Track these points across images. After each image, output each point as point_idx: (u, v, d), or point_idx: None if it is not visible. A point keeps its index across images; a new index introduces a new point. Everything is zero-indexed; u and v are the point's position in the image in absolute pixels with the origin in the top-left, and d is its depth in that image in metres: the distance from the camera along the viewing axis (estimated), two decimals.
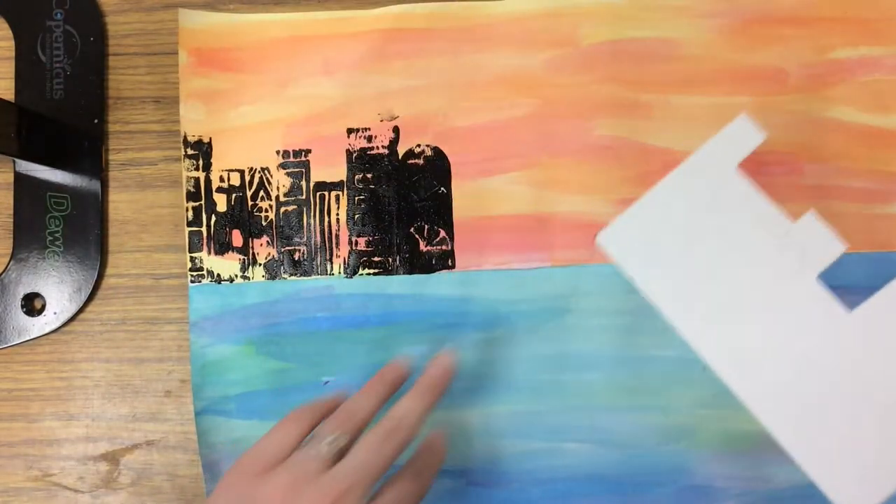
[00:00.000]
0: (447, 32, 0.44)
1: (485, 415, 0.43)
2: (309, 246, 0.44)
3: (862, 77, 0.44)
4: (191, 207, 0.44)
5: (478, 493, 0.43)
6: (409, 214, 0.44)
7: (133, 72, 0.45)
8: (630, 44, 0.44)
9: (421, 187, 0.44)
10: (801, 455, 0.31)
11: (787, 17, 0.44)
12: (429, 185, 0.44)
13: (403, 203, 0.44)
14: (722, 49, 0.44)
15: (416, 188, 0.44)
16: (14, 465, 0.44)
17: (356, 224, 0.44)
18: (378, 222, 0.44)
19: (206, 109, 0.44)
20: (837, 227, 0.43)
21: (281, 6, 0.45)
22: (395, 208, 0.44)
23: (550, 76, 0.44)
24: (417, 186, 0.44)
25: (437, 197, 0.44)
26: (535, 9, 0.44)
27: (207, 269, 0.44)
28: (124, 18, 0.46)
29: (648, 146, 0.44)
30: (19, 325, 0.44)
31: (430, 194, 0.44)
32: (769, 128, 0.45)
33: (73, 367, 0.44)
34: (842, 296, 0.43)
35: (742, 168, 0.34)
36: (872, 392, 0.32)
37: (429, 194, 0.44)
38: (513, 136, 0.44)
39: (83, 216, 0.44)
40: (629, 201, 0.44)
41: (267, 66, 0.44)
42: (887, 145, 0.44)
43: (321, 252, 0.44)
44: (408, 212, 0.44)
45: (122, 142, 0.45)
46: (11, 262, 0.44)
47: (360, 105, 0.44)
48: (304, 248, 0.44)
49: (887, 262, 0.43)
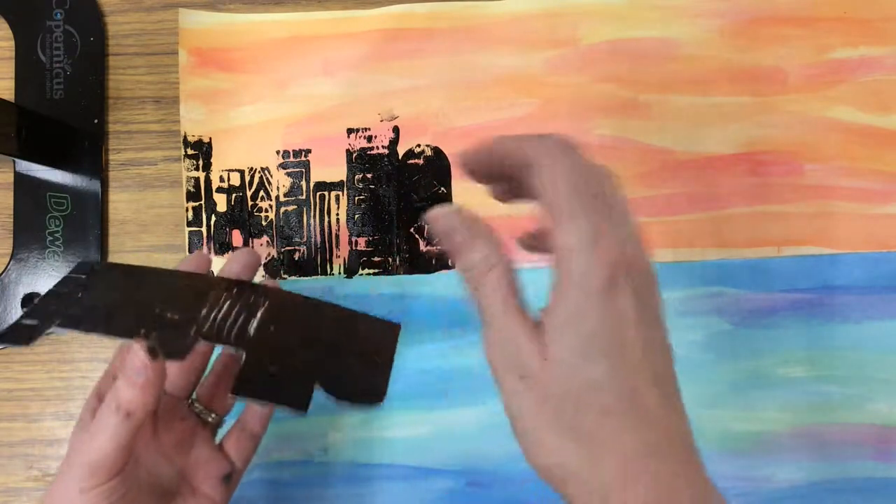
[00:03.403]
0: (447, 32, 0.44)
1: (484, 415, 0.43)
2: (309, 246, 0.44)
3: (862, 77, 0.44)
4: (191, 207, 0.44)
5: (478, 493, 0.43)
6: (409, 214, 0.44)
7: (133, 72, 0.45)
8: (630, 44, 0.44)
9: (421, 187, 0.44)
10: None
11: (787, 17, 0.44)
12: (429, 185, 0.44)
13: (403, 203, 0.44)
14: (722, 49, 0.44)
15: (416, 188, 0.44)
16: (14, 465, 0.44)
17: (356, 224, 0.44)
18: (378, 222, 0.44)
19: (206, 109, 0.44)
20: (837, 227, 0.44)
21: (281, 6, 0.45)
22: (395, 208, 0.44)
23: (550, 76, 0.44)
24: (417, 186, 0.44)
25: (437, 197, 0.44)
26: (535, 9, 0.44)
27: None
28: (124, 18, 0.46)
29: (648, 146, 0.44)
30: None
31: (430, 194, 0.44)
32: (769, 128, 0.45)
33: (73, 367, 0.44)
34: (841, 296, 0.44)
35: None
36: None
37: (429, 194, 0.44)
38: None
39: (83, 216, 0.44)
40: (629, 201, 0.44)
41: (267, 66, 0.44)
42: (887, 145, 0.44)
43: (321, 252, 0.44)
44: (408, 212, 0.44)
45: (122, 142, 0.45)
46: (11, 262, 0.44)
47: (360, 105, 0.44)
48: (304, 248, 0.44)
49: (887, 262, 0.43)
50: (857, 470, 0.42)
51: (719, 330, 0.43)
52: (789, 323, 0.43)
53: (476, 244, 0.26)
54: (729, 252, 0.43)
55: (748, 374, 0.43)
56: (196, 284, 0.33)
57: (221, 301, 0.32)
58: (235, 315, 0.32)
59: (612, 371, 0.24)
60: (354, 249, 0.44)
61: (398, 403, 0.43)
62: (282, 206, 0.44)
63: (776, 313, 0.43)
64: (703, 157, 0.44)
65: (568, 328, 0.24)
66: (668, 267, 0.43)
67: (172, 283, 0.33)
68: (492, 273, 0.26)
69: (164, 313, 0.31)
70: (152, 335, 0.29)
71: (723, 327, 0.43)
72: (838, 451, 0.42)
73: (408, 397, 0.43)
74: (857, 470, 0.42)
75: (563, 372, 0.24)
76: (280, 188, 0.44)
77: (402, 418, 0.43)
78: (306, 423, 0.43)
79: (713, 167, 0.44)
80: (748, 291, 0.43)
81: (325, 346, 0.32)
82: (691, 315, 0.43)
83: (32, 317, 0.30)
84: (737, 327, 0.43)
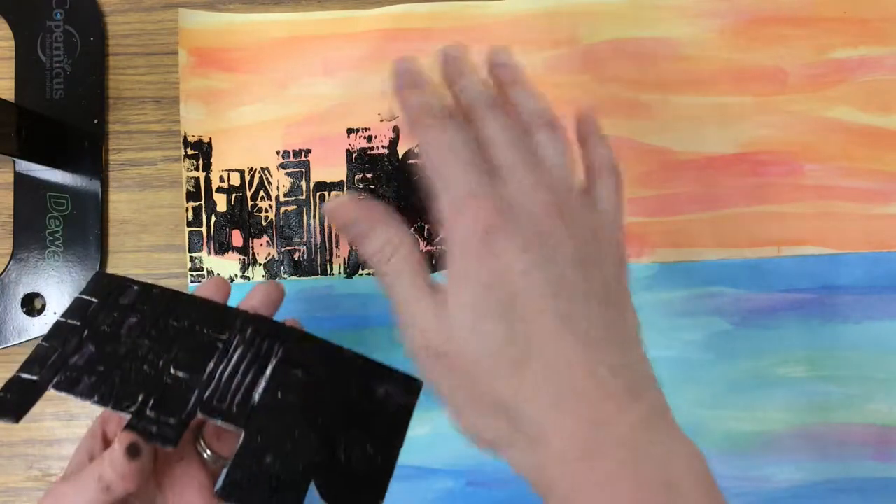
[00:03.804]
0: (447, 32, 0.44)
1: None
2: (309, 246, 0.44)
3: (862, 77, 0.44)
4: (191, 207, 0.44)
5: (478, 493, 0.43)
6: (409, 214, 0.44)
7: (133, 72, 0.45)
8: (630, 44, 0.44)
9: (421, 187, 0.44)
10: None
11: (787, 17, 0.44)
12: None
13: (403, 203, 0.44)
14: (722, 49, 0.44)
15: (416, 188, 0.44)
16: (14, 465, 0.44)
17: None
18: None
19: (206, 109, 0.44)
20: (837, 227, 0.44)
21: (281, 6, 0.45)
22: (394, 208, 0.44)
23: (550, 76, 0.44)
24: (417, 186, 0.44)
25: None
26: (535, 9, 0.44)
27: (207, 269, 0.44)
28: (124, 18, 0.46)
29: (648, 146, 0.44)
30: (19, 325, 0.44)
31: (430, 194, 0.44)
32: (769, 128, 0.45)
33: None
34: (841, 296, 0.44)
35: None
36: None
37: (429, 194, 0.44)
38: None
39: (83, 216, 0.44)
40: (629, 201, 0.44)
41: (267, 66, 0.44)
42: (887, 145, 0.44)
43: (321, 252, 0.44)
44: (408, 212, 0.44)
45: (122, 142, 0.45)
46: (11, 262, 0.44)
47: (360, 105, 0.44)
48: (304, 248, 0.44)
49: (887, 262, 0.43)
50: (857, 470, 0.42)
51: (719, 330, 0.43)
52: (789, 323, 0.43)
53: (376, 230, 0.26)
54: (729, 252, 0.43)
55: (748, 374, 0.43)
56: (210, 320, 0.31)
57: (231, 350, 0.30)
58: (244, 370, 0.30)
59: (506, 327, 0.24)
60: (354, 249, 0.44)
61: None
62: (282, 206, 0.44)
63: (776, 313, 0.43)
64: (703, 157, 0.44)
65: (458, 292, 0.24)
66: (668, 267, 0.43)
67: (185, 319, 0.31)
68: (395, 257, 0.26)
69: (167, 369, 0.29)
70: (142, 420, 0.27)
71: (723, 327, 0.43)
72: (838, 451, 0.42)
73: None
74: (857, 470, 0.42)
75: (464, 342, 0.24)
76: (280, 188, 0.44)
77: None
78: None
79: (713, 167, 0.44)
80: (748, 291, 0.43)
81: (331, 422, 0.29)
82: (691, 315, 0.43)
83: (31, 369, 0.29)
84: (737, 327, 0.43)
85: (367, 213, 0.27)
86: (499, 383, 0.24)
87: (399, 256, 0.26)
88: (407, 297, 0.25)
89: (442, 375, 0.25)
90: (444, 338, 0.25)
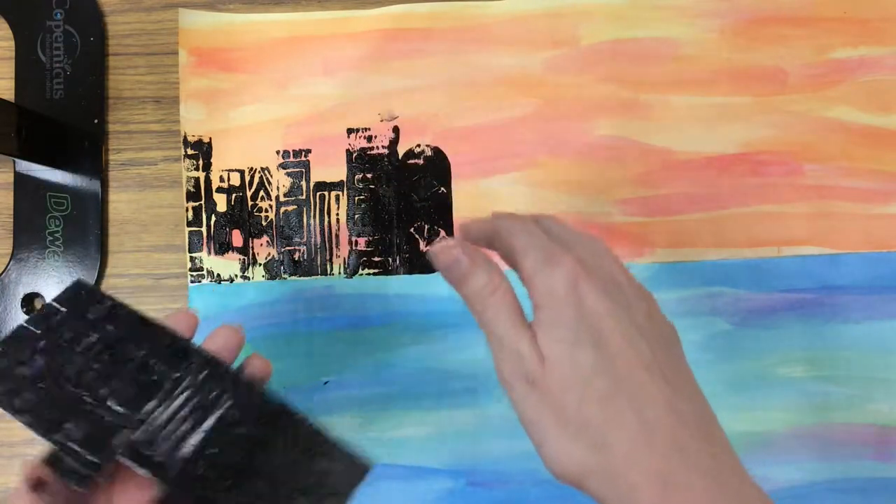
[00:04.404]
0: (447, 32, 0.44)
1: (484, 415, 0.43)
2: (309, 246, 0.44)
3: (862, 77, 0.44)
4: (191, 207, 0.44)
5: (478, 493, 0.43)
6: (409, 214, 0.44)
7: (133, 72, 0.45)
8: (630, 44, 0.44)
9: (421, 187, 0.44)
10: None
11: (787, 17, 0.44)
12: (429, 185, 0.44)
13: (403, 203, 0.44)
14: (722, 49, 0.44)
15: (416, 188, 0.44)
16: (14, 465, 0.44)
17: (356, 224, 0.44)
18: (378, 222, 0.44)
19: (206, 109, 0.44)
20: (837, 227, 0.44)
21: (281, 6, 0.45)
22: (395, 208, 0.44)
23: (550, 76, 0.44)
24: (417, 186, 0.44)
25: (437, 197, 0.44)
26: (535, 9, 0.44)
27: (207, 269, 0.44)
28: (124, 18, 0.46)
29: (648, 146, 0.44)
30: None
31: (430, 194, 0.44)
32: (769, 128, 0.45)
33: None
34: (841, 296, 0.44)
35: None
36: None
37: (429, 194, 0.44)
38: (513, 136, 0.44)
39: (83, 216, 0.44)
40: (629, 201, 0.44)
41: (267, 66, 0.44)
42: (887, 145, 0.44)
43: (321, 252, 0.44)
44: (408, 212, 0.44)
45: (122, 142, 0.45)
46: (11, 262, 0.44)
47: (360, 105, 0.44)
48: (304, 248, 0.44)
49: (887, 262, 0.43)
50: (857, 470, 0.42)
51: (719, 330, 0.43)
52: (789, 323, 0.43)
53: (477, 272, 0.29)
54: (729, 252, 0.43)
55: (748, 374, 0.43)
56: (167, 354, 0.29)
57: (178, 391, 0.28)
58: (183, 417, 0.28)
59: (597, 358, 0.26)
60: (354, 249, 0.44)
61: (398, 403, 0.43)
62: (282, 206, 0.44)
63: (776, 313, 0.43)
64: (703, 157, 0.44)
65: (552, 329, 0.27)
66: (668, 267, 0.43)
67: (143, 349, 0.29)
68: (495, 295, 0.28)
69: (106, 400, 0.27)
70: (63, 453, 0.26)
71: (723, 327, 0.43)
72: (838, 451, 0.42)
73: (408, 397, 0.43)
74: (857, 470, 0.42)
75: (558, 368, 0.26)
76: (280, 188, 0.44)
77: (402, 418, 0.43)
78: None
79: (713, 167, 0.44)
80: (748, 291, 0.43)
81: (265, 490, 0.27)
82: (691, 315, 0.43)
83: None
84: (737, 327, 0.43)
85: (469, 255, 0.29)
86: (586, 409, 0.26)
87: (498, 295, 0.28)
88: (505, 331, 0.28)
89: (532, 402, 0.27)
90: (538, 367, 0.27)
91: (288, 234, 0.44)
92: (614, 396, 0.26)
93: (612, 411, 0.26)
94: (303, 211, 0.44)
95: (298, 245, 0.44)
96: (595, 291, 0.27)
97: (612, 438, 0.26)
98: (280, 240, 0.44)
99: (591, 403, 0.26)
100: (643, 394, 0.26)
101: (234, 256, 0.44)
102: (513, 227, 0.30)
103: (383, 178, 0.44)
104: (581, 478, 0.26)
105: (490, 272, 0.29)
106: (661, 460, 0.25)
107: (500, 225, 0.30)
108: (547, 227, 0.30)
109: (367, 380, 0.43)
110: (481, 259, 0.29)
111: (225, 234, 0.44)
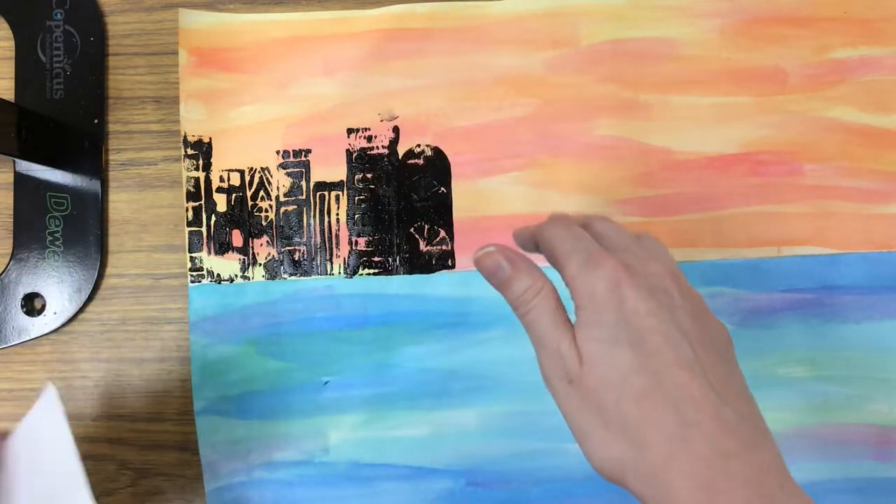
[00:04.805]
0: (447, 32, 0.44)
1: (484, 415, 0.43)
2: (309, 246, 0.44)
3: (862, 77, 0.44)
4: (191, 207, 0.44)
5: (478, 493, 0.43)
6: (409, 214, 0.44)
7: (133, 72, 0.45)
8: (630, 44, 0.44)
9: (421, 187, 0.44)
10: None
11: (787, 17, 0.44)
12: (429, 185, 0.44)
13: (403, 203, 0.44)
14: (722, 49, 0.44)
15: (416, 188, 0.44)
16: None
17: (356, 224, 0.44)
18: (378, 222, 0.44)
19: (206, 109, 0.44)
20: (837, 227, 0.44)
21: (281, 6, 0.45)
22: (395, 208, 0.44)
23: (550, 76, 0.44)
24: (417, 186, 0.44)
25: (437, 197, 0.44)
26: (535, 9, 0.44)
27: (207, 269, 0.44)
28: (124, 18, 0.46)
29: (648, 146, 0.44)
30: (19, 325, 0.44)
31: (430, 194, 0.44)
32: (769, 128, 0.45)
33: (72, 367, 0.44)
34: (841, 296, 0.44)
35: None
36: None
37: (429, 194, 0.44)
38: (513, 136, 0.44)
39: (83, 216, 0.44)
40: (629, 201, 0.44)
41: (267, 66, 0.44)
42: (887, 145, 0.44)
43: (321, 252, 0.44)
44: (408, 212, 0.44)
45: (122, 142, 0.45)
46: (11, 262, 0.44)
47: (360, 105, 0.44)
48: (304, 248, 0.44)
49: (887, 262, 0.43)
50: (857, 470, 0.42)
51: None
52: (789, 323, 0.43)
53: (519, 276, 0.29)
54: (729, 252, 0.43)
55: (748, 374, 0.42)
56: None
57: None
58: None
59: (634, 356, 0.27)
60: (354, 249, 0.44)
61: (398, 403, 0.43)
62: (282, 206, 0.44)
63: (776, 313, 0.43)
64: (703, 157, 0.44)
65: (591, 329, 0.27)
66: None
67: None
68: (538, 297, 0.29)
69: None
70: None
71: None
72: (838, 451, 0.42)
73: (408, 397, 0.43)
74: (857, 470, 0.42)
75: (596, 366, 0.27)
76: (280, 188, 0.44)
77: (402, 418, 0.43)
78: (306, 423, 0.43)
79: (713, 167, 0.44)
80: (748, 291, 0.43)
81: None
82: None
83: None
84: (737, 327, 0.43)
85: (510, 261, 0.30)
86: (623, 407, 0.26)
87: (540, 298, 0.29)
88: (547, 332, 0.28)
89: (574, 401, 0.28)
90: (579, 365, 0.27)
91: (288, 234, 0.44)
92: (651, 394, 0.26)
93: (648, 409, 0.26)
94: (303, 211, 0.44)
95: (298, 245, 0.44)
96: (637, 292, 0.27)
97: (649, 437, 0.26)
98: (280, 240, 0.44)
99: (628, 401, 0.26)
100: (682, 394, 0.26)
101: (234, 256, 0.44)
102: (556, 232, 0.30)
103: (383, 178, 0.44)
104: (622, 475, 0.26)
105: (532, 275, 0.29)
106: (703, 465, 0.25)
107: (545, 229, 0.31)
108: (597, 230, 0.31)
109: (367, 380, 0.43)
110: (523, 263, 0.30)
111: (225, 234, 0.44)
